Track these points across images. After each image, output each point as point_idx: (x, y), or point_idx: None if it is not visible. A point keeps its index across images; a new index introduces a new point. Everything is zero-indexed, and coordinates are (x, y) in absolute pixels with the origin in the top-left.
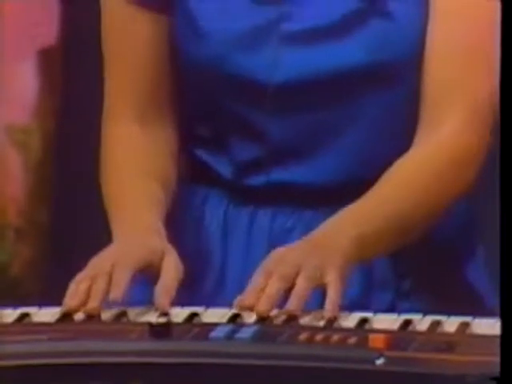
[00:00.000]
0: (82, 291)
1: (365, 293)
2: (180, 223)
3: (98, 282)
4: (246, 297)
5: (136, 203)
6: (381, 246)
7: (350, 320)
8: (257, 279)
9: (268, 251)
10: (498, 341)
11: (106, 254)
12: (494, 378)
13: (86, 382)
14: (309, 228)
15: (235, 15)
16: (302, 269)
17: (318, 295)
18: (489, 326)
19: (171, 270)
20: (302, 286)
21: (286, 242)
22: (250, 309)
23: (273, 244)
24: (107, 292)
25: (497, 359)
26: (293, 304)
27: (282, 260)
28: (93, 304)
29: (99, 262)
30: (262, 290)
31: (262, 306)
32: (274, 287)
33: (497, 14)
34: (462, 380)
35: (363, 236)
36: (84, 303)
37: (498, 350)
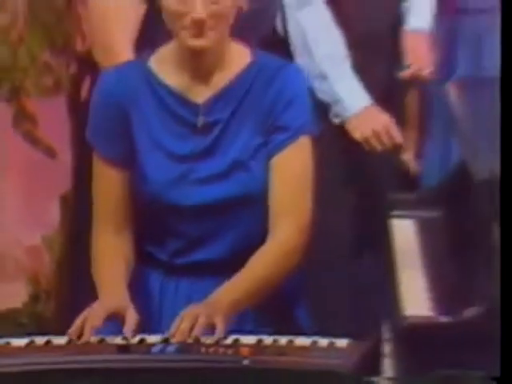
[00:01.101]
0: (78, 327)
1: (238, 326)
2: (135, 289)
3: (88, 321)
4: (172, 331)
5: (112, 278)
6: (246, 303)
7: (229, 340)
8: (177, 321)
9: (186, 306)
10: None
11: (95, 306)
12: (494, 378)
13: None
14: (209, 292)
15: (165, 168)
16: (202, 315)
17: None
18: (304, 341)
19: (132, 317)
20: (201, 322)
21: (196, 301)
22: (173, 336)
23: (189, 301)
24: (95, 327)
25: (497, 359)
26: (196, 332)
27: (191, 310)
28: (85, 338)
29: (90, 311)
30: (179, 326)
31: (180, 335)
32: (186, 325)
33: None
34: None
35: (236, 299)
36: (80, 335)
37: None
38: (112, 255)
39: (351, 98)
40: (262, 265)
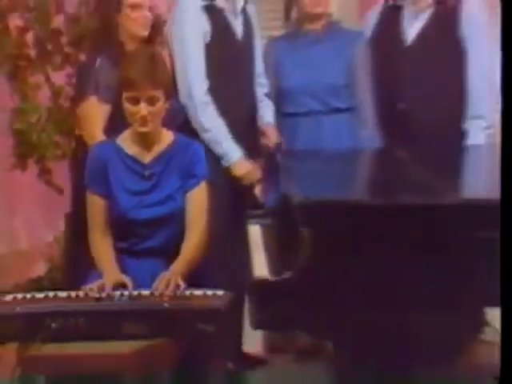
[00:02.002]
0: (96, 289)
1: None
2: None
3: (106, 286)
4: (156, 288)
5: (110, 262)
6: (188, 271)
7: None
8: (158, 282)
9: (139, 273)
10: None
11: (105, 278)
12: (494, 378)
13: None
14: (150, 266)
15: (127, 199)
16: (172, 279)
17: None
18: (199, 292)
19: (130, 283)
20: (172, 283)
21: (144, 271)
22: (156, 290)
23: (140, 271)
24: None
25: (497, 360)
26: (170, 289)
27: (165, 276)
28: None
29: (103, 281)
30: (159, 286)
31: (160, 290)
32: (163, 285)
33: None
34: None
35: (184, 269)
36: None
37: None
38: (105, 248)
39: (231, 153)
40: (189, 252)
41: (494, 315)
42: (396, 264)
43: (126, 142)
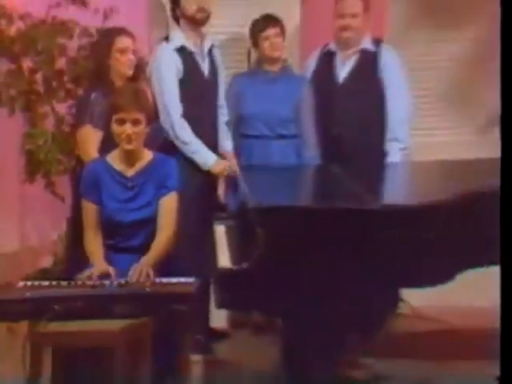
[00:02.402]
0: (87, 277)
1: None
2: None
3: (94, 274)
4: (130, 277)
5: (98, 256)
6: (158, 263)
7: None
8: (132, 272)
9: (122, 265)
10: None
11: (94, 268)
12: (495, 378)
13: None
14: (130, 260)
15: (114, 205)
16: (143, 270)
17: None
18: (173, 279)
19: (114, 272)
20: (144, 273)
21: (125, 264)
22: (132, 279)
23: (122, 264)
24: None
25: (497, 359)
26: (142, 278)
27: (137, 267)
28: (90, 282)
29: (93, 270)
30: (133, 276)
31: (134, 279)
32: (136, 275)
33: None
34: None
35: (154, 261)
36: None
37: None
38: (96, 245)
39: (207, 158)
40: (158, 247)
41: (407, 293)
42: (332, 256)
43: (113, 159)
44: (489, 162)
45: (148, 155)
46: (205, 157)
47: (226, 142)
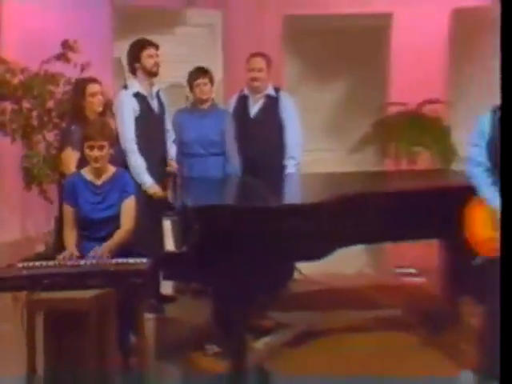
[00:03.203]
0: (63, 258)
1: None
2: (77, 248)
3: (67, 256)
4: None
5: (71, 245)
6: (117, 248)
7: (113, 261)
8: (92, 254)
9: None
10: None
11: (67, 251)
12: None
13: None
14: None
15: (87, 207)
16: (102, 253)
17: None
18: (136, 260)
19: (77, 255)
20: (102, 255)
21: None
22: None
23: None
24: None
25: (497, 359)
26: (100, 259)
27: (96, 250)
28: (64, 261)
29: (66, 252)
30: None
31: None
32: (92, 254)
33: None
34: None
35: (112, 247)
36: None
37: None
38: (71, 237)
39: (146, 182)
40: (117, 237)
41: (300, 265)
42: (247, 241)
43: (86, 173)
44: (358, 174)
45: (111, 169)
46: (143, 180)
47: (172, 153)
